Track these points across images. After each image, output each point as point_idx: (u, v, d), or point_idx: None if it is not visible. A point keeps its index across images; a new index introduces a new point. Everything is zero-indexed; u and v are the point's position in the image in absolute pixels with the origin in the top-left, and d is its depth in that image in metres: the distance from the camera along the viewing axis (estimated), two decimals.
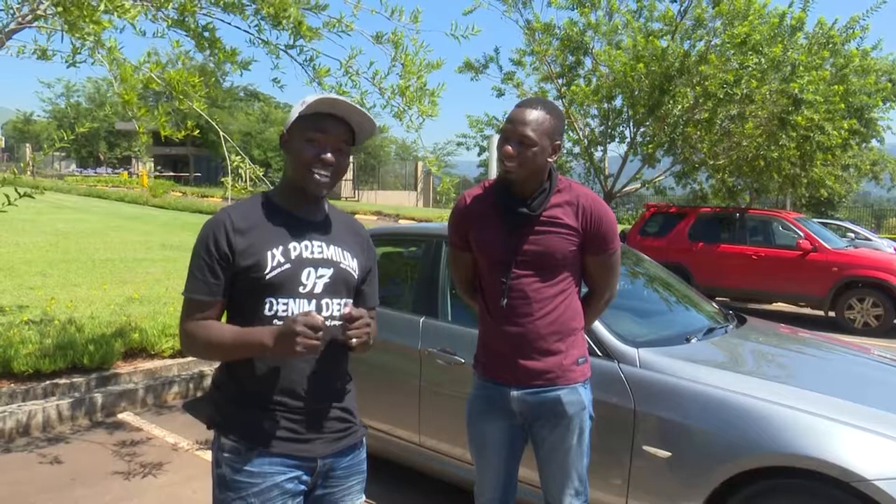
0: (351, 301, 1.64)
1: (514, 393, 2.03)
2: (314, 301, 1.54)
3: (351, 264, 1.62)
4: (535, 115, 1.92)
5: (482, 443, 2.13)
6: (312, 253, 1.55)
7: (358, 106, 1.56)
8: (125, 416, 4.37)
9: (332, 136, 1.53)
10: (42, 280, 7.54)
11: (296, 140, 1.54)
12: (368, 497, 3.18)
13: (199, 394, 4.88)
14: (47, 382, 4.29)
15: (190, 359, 5.08)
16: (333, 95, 1.56)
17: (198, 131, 3.61)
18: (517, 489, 2.20)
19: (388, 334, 3.29)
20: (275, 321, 1.49)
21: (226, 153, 3.81)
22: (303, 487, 1.55)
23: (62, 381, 4.35)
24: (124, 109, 3.51)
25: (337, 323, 1.54)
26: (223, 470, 1.52)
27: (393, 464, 3.35)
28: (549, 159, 1.97)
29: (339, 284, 1.59)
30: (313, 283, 1.54)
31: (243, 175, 3.96)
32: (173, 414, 4.48)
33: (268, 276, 1.49)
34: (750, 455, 2.20)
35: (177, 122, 3.69)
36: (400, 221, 19.69)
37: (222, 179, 4.11)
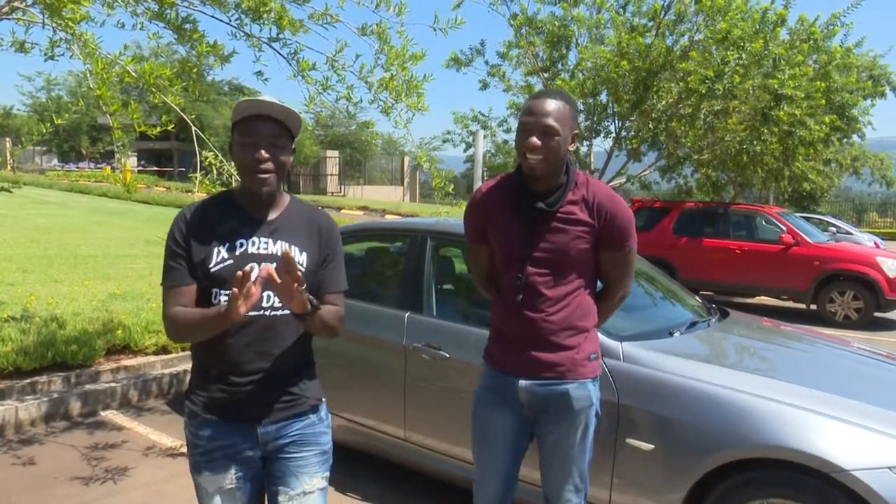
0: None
1: (523, 383, 2.02)
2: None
3: (298, 258, 1.72)
4: (554, 104, 1.89)
5: (486, 433, 2.11)
6: (258, 249, 1.70)
7: (276, 101, 1.65)
8: (108, 413, 4.32)
9: (262, 135, 1.64)
10: (22, 276, 7.42)
11: (235, 148, 1.70)
12: (368, 497, 3.19)
13: (182, 391, 4.84)
14: (27, 380, 4.23)
15: (173, 356, 5.04)
16: (253, 98, 1.68)
17: (171, 126, 3.54)
18: (517, 488, 2.17)
19: (373, 329, 3.28)
20: None
21: (196, 149, 3.75)
22: (249, 454, 1.73)
23: (43, 378, 4.29)
24: (98, 106, 3.44)
25: (280, 313, 1.69)
26: (186, 431, 1.80)
27: (392, 462, 3.33)
28: (570, 148, 1.96)
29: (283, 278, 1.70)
30: (255, 277, 1.62)
31: (214, 172, 3.90)
32: (156, 411, 4.44)
33: (212, 270, 1.66)
34: (732, 447, 2.22)
35: (158, 116, 3.63)
36: (386, 216, 19.62)
37: (191, 175, 4.05)
